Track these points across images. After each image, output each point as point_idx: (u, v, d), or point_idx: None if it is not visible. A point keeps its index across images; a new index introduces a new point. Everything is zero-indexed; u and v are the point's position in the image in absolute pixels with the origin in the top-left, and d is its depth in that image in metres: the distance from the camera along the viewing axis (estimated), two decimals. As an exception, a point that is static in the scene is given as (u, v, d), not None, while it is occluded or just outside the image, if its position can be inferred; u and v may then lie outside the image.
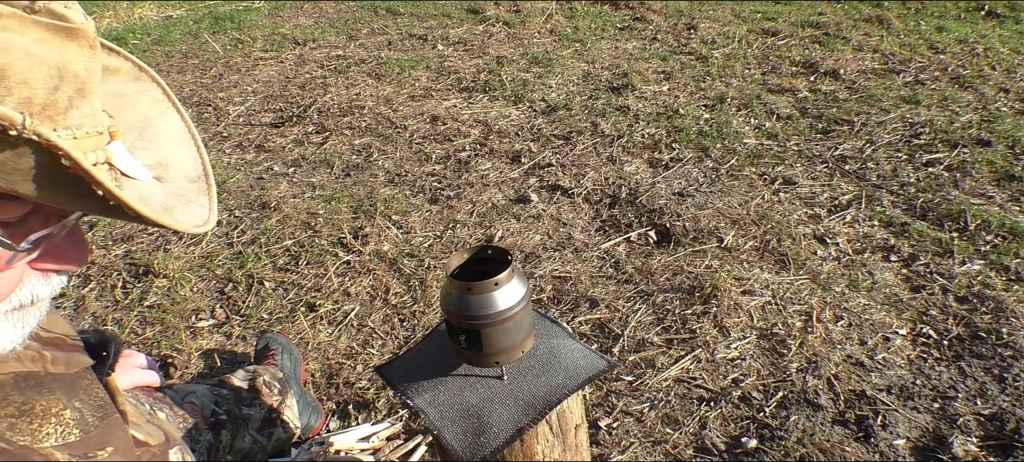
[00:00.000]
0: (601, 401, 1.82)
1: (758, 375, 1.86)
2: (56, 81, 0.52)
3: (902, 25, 4.41)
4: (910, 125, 3.13)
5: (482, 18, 5.13)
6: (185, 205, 0.65)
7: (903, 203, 2.56)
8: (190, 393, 1.38)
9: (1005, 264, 2.19)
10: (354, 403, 1.85)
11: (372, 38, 4.93)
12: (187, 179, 0.69)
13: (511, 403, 1.05)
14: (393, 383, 1.16)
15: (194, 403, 1.35)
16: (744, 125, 3.24)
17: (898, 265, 2.25)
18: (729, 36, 4.42)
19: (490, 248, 1.13)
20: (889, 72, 3.73)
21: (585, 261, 2.36)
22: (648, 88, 3.70)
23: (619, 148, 3.09)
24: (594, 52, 4.32)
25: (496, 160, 3.07)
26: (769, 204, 2.61)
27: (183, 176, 0.69)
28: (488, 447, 0.99)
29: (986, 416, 1.68)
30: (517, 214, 2.66)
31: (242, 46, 4.95)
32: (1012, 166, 2.72)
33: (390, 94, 3.86)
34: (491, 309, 1.01)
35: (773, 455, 1.63)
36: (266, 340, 1.88)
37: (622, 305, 2.14)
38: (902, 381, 1.80)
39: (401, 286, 2.29)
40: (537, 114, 3.51)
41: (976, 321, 1.97)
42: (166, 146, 0.71)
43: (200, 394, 1.40)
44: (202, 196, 0.69)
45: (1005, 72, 3.62)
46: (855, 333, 1.97)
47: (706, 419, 1.74)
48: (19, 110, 0.49)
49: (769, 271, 2.25)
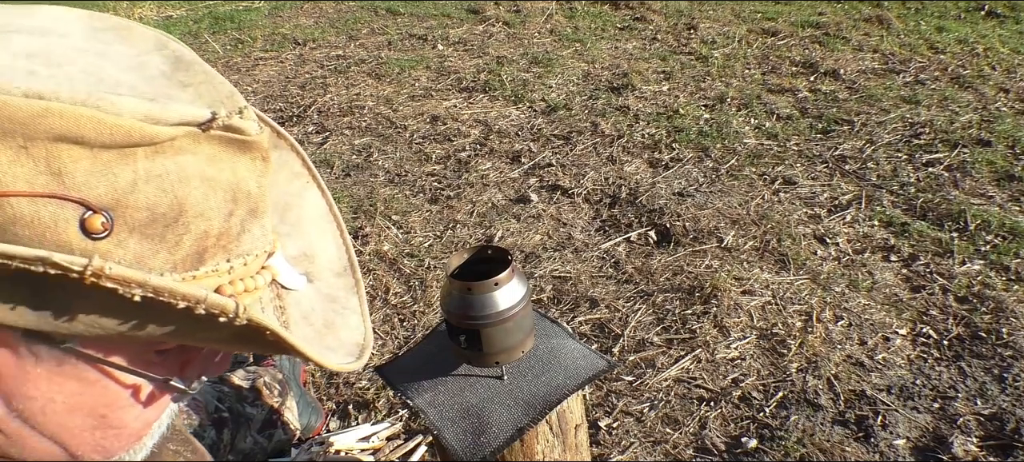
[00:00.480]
0: (601, 401, 1.82)
1: (758, 375, 1.86)
2: (230, 205, 0.45)
3: (902, 25, 4.41)
4: (910, 125, 3.13)
5: (482, 18, 5.13)
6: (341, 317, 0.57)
7: (903, 203, 2.56)
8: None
9: (1005, 264, 2.19)
10: (354, 403, 1.85)
11: (372, 38, 4.93)
12: (333, 273, 0.61)
13: (511, 403, 1.05)
14: (393, 383, 1.16)
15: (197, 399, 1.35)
16: (744, 125, 3.24)
17: (898, 265, 2.25)
18: (729, 36, 4.42)
19: (490, 248, 1.13)
20: (889, 72, 3.73)
21: (585, 261, 2.36)
22: (648, 88, 3.70)
23: (619, 148, 3.09)
24: (594, 52, 4.32)
25: (496, 160, 3.07)
26: (769, 204, 2.61)
27: (329, 269, 0.61)
28: (488, 447, 0.99)
29: (986, 416, 1.68)
30: (517, 214, 2.66)
31: (242, 46, 4.95)
32: (1012, 166, 2.72)
33: (390, 94, 3.86)
34: (491, 309, 1.01)
35: (773, 455, 1.63)
36: None
37: (622, 305, 2.14)
38: (902, 381, 1.80)
39: (401, 286, 2.29)
40: (537, 114, 3.51)
41: (976, 321, 1.97)
42: (309, 231, 0.62)
43: (202, 391, 1.40)
44: (351, 296, 0.60)
45: (1005, 72, 3.62)
46: (855, 333, 1.97)
47: (706, 419, 1.74)
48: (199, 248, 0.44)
49: (769, 271, 2.25)
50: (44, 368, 0.43)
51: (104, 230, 0.40)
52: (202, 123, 0.42)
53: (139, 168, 0.40)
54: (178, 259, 0.43)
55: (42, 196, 0.38)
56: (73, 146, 0.38)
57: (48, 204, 0.38)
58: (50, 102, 0.37)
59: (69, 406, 0.46)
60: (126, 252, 0.41)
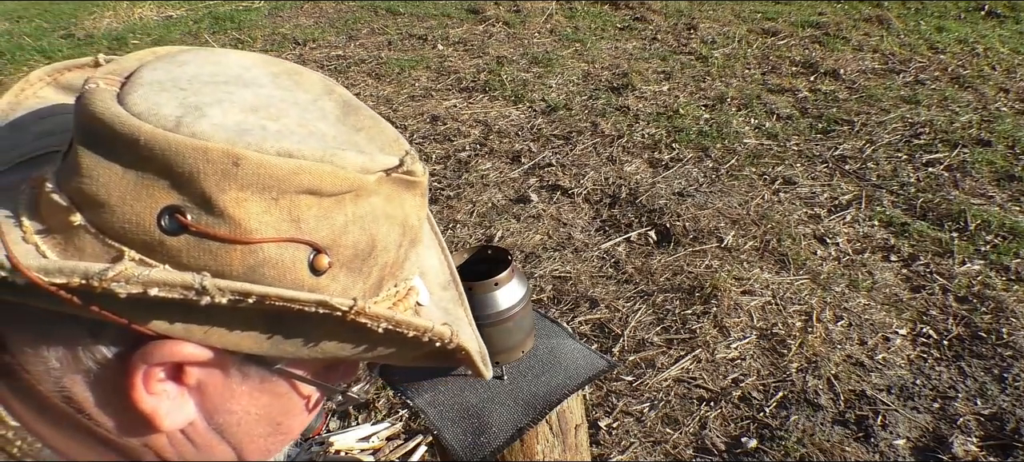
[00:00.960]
0: (601, 401, 1.82)
1: (758, 375, 1.86)
2: (401, 238, 0.50)
3: (902, 25, 4.41)
4: (910, 125, 3.13)
5: (482, 18, 5.13)
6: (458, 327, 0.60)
7: (903, 203, 2.56)
8: None
9: (1005, 264, 2.19)
10: (354, 403, 1.85)
11: (372, 38, 4.93)
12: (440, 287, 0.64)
13: (511, 403, 1.05)
14: (393, 383, 1.16)
15: None
16: (744, 125, 3.24)
17: (898, 265, 2.24)
18: (729, 36, 4.42)
19: (490, 248, 1.13)
20: (889, 72, 3.73)
21: (585, 261, 2.36)
22: (648, 88, 3.70)
23: (619, 148, 3.09)
24: (594, 52, 4.31)
25: (496, 160, 3.07)
26: (769, 204, 2.61)
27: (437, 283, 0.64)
28: (488, 447, 0.99)
29: (986, 416, 1.68)
30: (517, 214, 2.66)
31: (242, 46, 4.95)
32: (1012, 166, 2.72)
33: (390, 94, 3.86)
34: (491, 309, 1.01)
35: (773, 455, 1.63)
36: None
37: (622, 305, 2.14)
38: (902, 381, 1.80)
39: (401, 286, 2.29)
40: (537, 114, 3.51)
41: (976, 321, 1.97)
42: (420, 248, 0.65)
43: None
44: (459, 308, 0.63)
45: (1005, 72, 3.62)
46: (855, 333, 1.97)
47: (706, 419, 1.74)
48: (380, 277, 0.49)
49: (769, 271, 2.25)
50: (248, 386, 0.49)
51: (329, 267, 0.45)
52: (390, 169, 0.48)
53: (348, 212, 0.46)
54: (368, 288, 0.49)
55: (285, 241, 0.43)
56: (310, 197, 0.43)
57: (288, 247, 0.43)
58: (300, 160, 0.42)
59: (259, 417, 0.51)
60: (338, 285, 0.46)
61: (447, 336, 0.49)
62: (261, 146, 0.41)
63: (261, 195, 0.41)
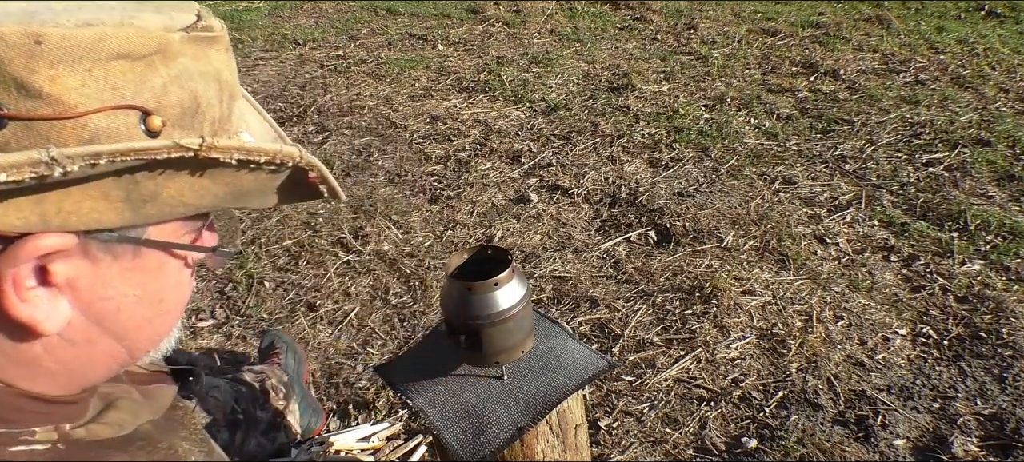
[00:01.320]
0: (601, 401, 1.82)
1: (758, 375, 1.86)
2: (219, 93, 0.52)
3: (902, 25, 4.41)
4: (910, 125, 3.13)
5: (482, 18, 5.13)
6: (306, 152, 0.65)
7: (903, 203, 2.56)
8: (214, 387, 1.37)
9: (1005, 264, 2.19)
10: (354, 403, 1.85)
11: (372, 38, 4.92)
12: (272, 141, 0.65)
13: (511, 403, 1.05)
14: (393, 383, 1.16)
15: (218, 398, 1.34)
16: (744, 125, 3.24)
17: (898, 265, 2.25)
18: (729, 36, 4.42)
19: (490, 248, 1.13)
20: (889, 72, 3.73)
21: (585, 261, 2.36)
22: (648, 88, 3.70)
23: (619, 148, 3.09)
24: (594, 52, 4.32)
25: (496, 160, 3.07)
26: (769, 204, 2.61)
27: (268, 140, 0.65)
28: (488, 447, 0.99)
29: (986, 416, 1.68)
30: (517, 214, 2.66)
31: (242, 46, 4.95)
32: (1012, 166, 2.72)
33: (390, 94, 3.86)
34: (491, 309, 1.01)
35: (773, 455, 1.63)
36: (271, 337, 1.87)
37: (622, 305, 2.14)
38: (902, 381, 1.80)
39: (401, 286, 2.29)
40: (537, 114, 3.51)
41: (976, 321, 1.97)
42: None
43: (223, 389, 1.39)
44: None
45: (1005, 72, 3.62)
46: (855, 333, 1.97)
47: (706, 419, 1.75)
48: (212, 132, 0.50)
49: (769, 271, 2.25)
50: (119, 266, 0.49)
51: (162, 127, 0.46)
52: (188, 26, 0.48)
53: (162, 72, 0.46)
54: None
55: (112, 109, 0.43)
56: (121, 61, 0.43)
57: (117, 115, 0.43)
58: (102, 27, 0.42)
59: (138, 298, 0.52)
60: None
61: (297, 154, 0.51)
62: (58, 22, 0.41)
63: (73, 68, 0.41)
